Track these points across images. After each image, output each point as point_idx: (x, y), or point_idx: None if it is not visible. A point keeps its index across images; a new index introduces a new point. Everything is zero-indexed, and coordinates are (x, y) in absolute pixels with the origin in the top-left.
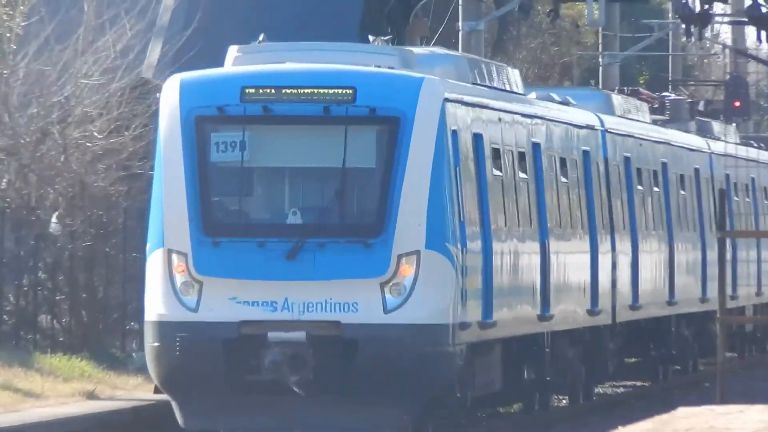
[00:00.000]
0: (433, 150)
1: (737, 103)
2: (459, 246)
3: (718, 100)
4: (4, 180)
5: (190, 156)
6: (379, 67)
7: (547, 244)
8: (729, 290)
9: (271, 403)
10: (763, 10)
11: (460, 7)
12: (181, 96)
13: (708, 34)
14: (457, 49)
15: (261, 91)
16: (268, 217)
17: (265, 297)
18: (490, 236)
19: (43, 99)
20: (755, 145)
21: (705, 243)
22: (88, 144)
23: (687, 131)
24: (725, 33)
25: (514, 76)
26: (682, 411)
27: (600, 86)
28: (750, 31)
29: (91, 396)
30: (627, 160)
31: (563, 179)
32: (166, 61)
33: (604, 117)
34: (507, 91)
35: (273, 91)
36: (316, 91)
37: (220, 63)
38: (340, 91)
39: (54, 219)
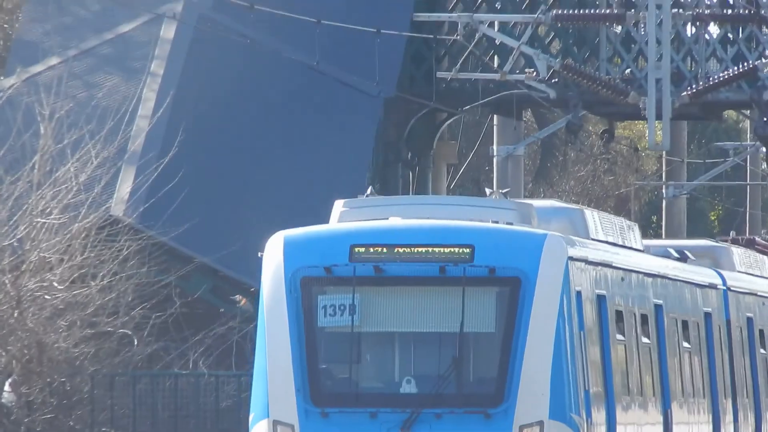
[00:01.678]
0: (556, 313)
1: None
2: (584, 416)
3: None
4: None
5: (296, 320)
6: (496, 222)
7: (670, 414)
8: None
9: None
10: None
11: (495, 129)
12: (285, 255)
13: None
14: (491, 177)
15: (372, 249)
16: (381, 385)
17: None
18: (614, 406)
19: None
20: None
21: None
22: (46, 296)
23: None
24: None
25: (633, 231)
26: None
27: (663, 223)
28: None
29: None
30: (749, 320)
31: (686, 344)
32: (140, 195)
33: (726, 273)
34: (626, 247)
35: (385, 249)
36: (431, 249)
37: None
38: (456, 249)
39: (7, 387)
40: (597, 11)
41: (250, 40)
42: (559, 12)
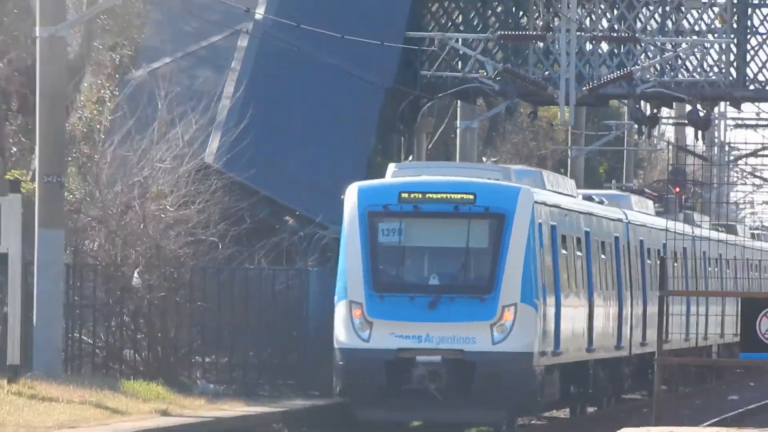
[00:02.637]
0: (526, 237)
1: (677, 189)
2: (541, 300)
3: (660, 185)
4: (96, 243)
5: (364, 238)
6: (489, 179)
7: (592, 300)
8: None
9: (417, 403)
10: (701, 114)
11: (458, 109)
12: (359, 197)
13: (656, 132)
14: (455, 143)
15: (412, 195)
16: (417, 279)
17: (414, 333)
18: (559, 295)
19: (126, 179)
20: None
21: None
22: (162, 215)
23: (676, 220)
24: (669, 132)
25: (570, 183)
26: (625, 430)
27: (569, 175)
28: (689, 131)
29: (165, 413)
30: (641, 242)
31: (602, 256)
32: (223, 149)
33: (627, 212)
34: (567, 195)
35: (420, 195)
36: (449, 195)
37: (265, 152)
38: (465, 196)
39: (136, 275)
40: (527, 32)
41: (297, 48)
42: (502, 32)
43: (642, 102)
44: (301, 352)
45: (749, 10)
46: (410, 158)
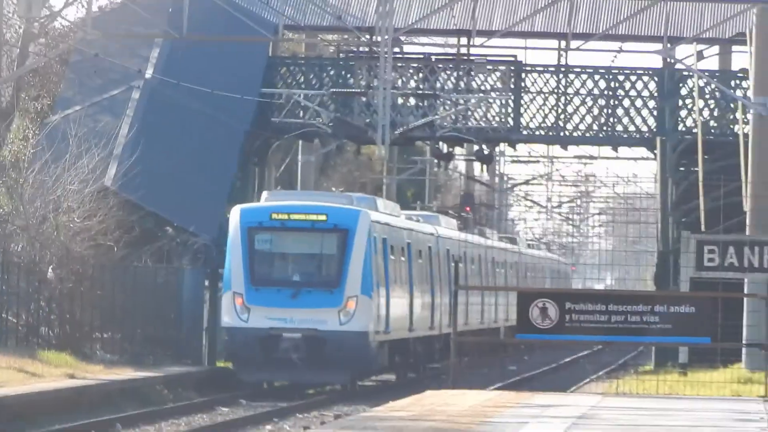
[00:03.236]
0: (364, 246)
1: (468, 209)
2: (377, 292)
3: (454, 207)
4: (20, 246)
5: (244, 246)
6: (337, 204)
7: (412, 293)
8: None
9: (284, 368)
10: (485, 152)
11: (300, 147)
12: (241, 217)
13: (451, 166)
14: (297, 173)
15: (280, 215)
16: (283, 276)
17: (281, 316)
18: (389, 289)
19: (43, 197)
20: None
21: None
22: (71, 225)
23: (474, 234)
24: (461, 165)
25: (396, 206)
26: (428, 392)
27: (384, 197)
28: (477, 165)
29: (72, 377)
30: (448, 251)
31: (419, 260)
32: (119, 176)
33: (438, 228)
34: (394, 215)
35: (286, 216)
36: (307, 216)
37: (151, 178)
38: (319, 216)
39: (50, 270)
40: (353, 89)
41: (177, 99)
42: (334, 90)
43: (441, 143)
44: (177, 329)
45: (523, 74)
46: (278, 187)
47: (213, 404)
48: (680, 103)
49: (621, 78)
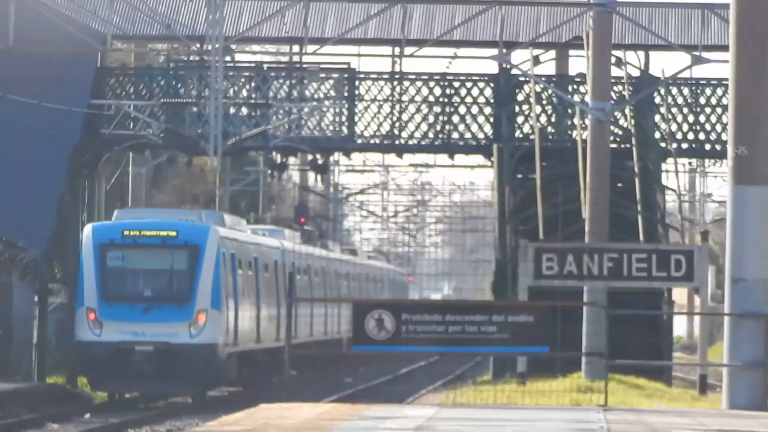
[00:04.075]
0: (214, 261)
1: (302, 220)
2: (226, 306)
3: (289, 217)
4: None
5: (97, 263)
6: (187, 220)
7: (260, 306)
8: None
9: (136, 380)
10: (320, 162)
11: (131, 159)
12: (93, 234)
13: (285, 176)
14: (129, 185)
15: (131, 232)
16: (135, 292)
17: (134, 330)
18: (238, 302)
19: None
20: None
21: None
22: None
23: (317, 246)
24: (295, 175)
25: (242, 222)
26: (263, 406)
27: (217, 209)
28: (311, 174)
29: None
30: (293, 263)
31: (266, 274)
32: None
33: (283, 242)
34: (241, 230)
35: (137, 232)
36: (158, 233)
37: None
38: (170, 233)
39: None
40: (184, 100)
41: (2, 113)
42: (165, 100)
43: (274, 153)
44: (5, 346)
45: (357, 82)
46: (121, 204)
47: (43, 420)
48: (517, 109)
49: (456, 84)
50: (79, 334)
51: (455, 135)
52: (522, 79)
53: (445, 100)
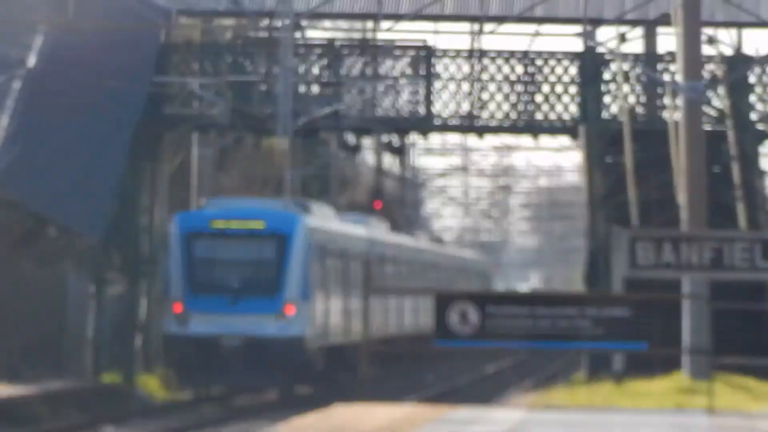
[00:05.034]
0: (303, 252)
1: (378, 205)
2: (315, 298)
3: (363, 203)
4: None
5: (185, 253)
6: (276, 210)
7: (350, 298)
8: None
9: (224, 373)
10: (397, 144)
11: (196, 139)
12: (180, 224)
13: (359, 158)
14: (193, 167)
15: (219, 222)
16: (223, 283)
17: (221, 322)
18: (326, 294)
19: None
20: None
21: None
22: None
23: (403, 237)
24: (370, 157)
25: (331, 210)
26: (337, 407)
27: (287, 194)
28: (387, 156)
29: None
30: (382, 253)
31: (355, 265)
32: None
33: (371, 231)
34: (330, 219)
35: (226, 222)
36: (246, 222)
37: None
38: (258, 222)
39: None
40: (252, 78)
41: (62, 91)
42: (230, 79)
43: (347, 133)
44: (59, 340)
45: (434, 59)
46: (185, 188)
47: (96, 423)
48: (604, 88)
49: (539, 62)
50: (166, 326)
51: (539, 115)
52: (608, 57)
53: (528, 78)
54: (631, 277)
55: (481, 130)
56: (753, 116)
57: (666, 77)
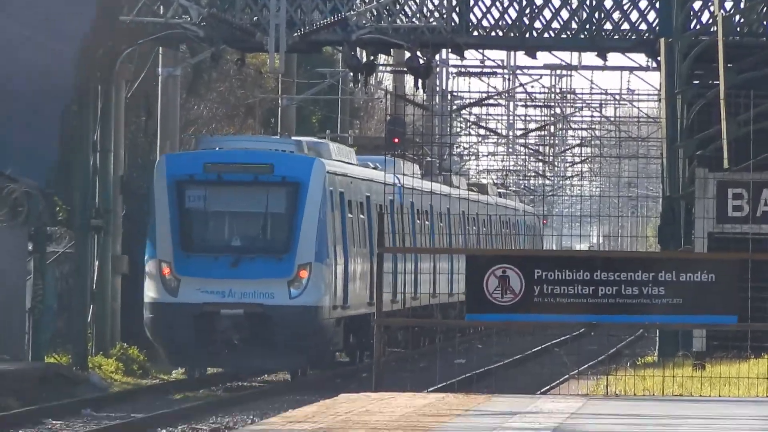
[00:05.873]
0: (319, 203)
1: (396, 140)
2: (333, 259)
3: (380, 137)
4: None
5: (172, 204)
6: (284, 151)
7: (373, 258)
8: (391, 295)
9: (222, 352)
10: (421, 61)
11: (160, 56)
12: (167, 167)
13: (372, 81)
14: (157, 92)
15: (215, 165)
16: (221, 241)
17: (219, 288)
18: (347, 254)
19: None
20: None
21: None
22: None
23: (437, 182)
24: (387, 80)
25: (351, 151)
26: (343, 396)
27: (279, 125)
28: (408, 79)
29: None
30: (412, 204)
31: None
32: None
33: (400, 177)
34: (350, 163)
35: (223, 165)
36: (249, 165)
37: None
38: (264, 165)
39: None
40: None
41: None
42: None
43: (358, 49)
44: None
45: None
46: (147, 118)
47: (41, 415)
48: None
49: None
50: (150, 293)
51: (608, 25)
52: None
53: None
54: (719, 233)
55: (532, 45)
56: None
57: None
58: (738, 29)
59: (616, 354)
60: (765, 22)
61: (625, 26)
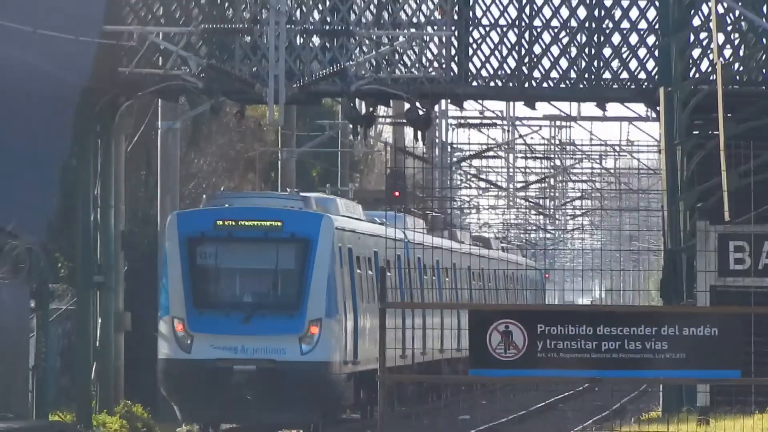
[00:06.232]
0: (328, 259)
1: (396, 194)
2: (342, 315)
3: (380, 190)
4: None
5: (184, 261)
6: (292, 208)
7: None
8: (399, 352)
9: (235, 407)
10: (420, 113)
11: (159, 108)
12: (178, 225)
13: (372, 133)
14: (157, 144)
15: (226, 222)
16: (232, 297)
17: (231, 344)
18: (357, 309)
19: None
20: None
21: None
22: None
23: (442, 236)
24: (387, 132)
25: (357, 206)
26: None
27: (279, 179)
28: (408, 131)
29: None
30: (419, 259)
31: (388, 273)
32: None
33: (407, 232)
34: (358, 219)
35: (233, 222)
36: (259, 223)
37: None
38: (273, 223)
39: None
40: (233, 26)
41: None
42: (206, 26)
43: (357, 100)
44: None
45: (470, 0)
46: (148, 172)
47: None
48: (692, 38)
49: (608, 3)
50: (163, 350)
51: (607, 74)
52: None
53: (593, 25)
54: (722, 287)
55: (532, 95)
56: None
57: None
58: (737, 77)
59: (621, 409)
60: (764, 71)
61: (624, 75)
